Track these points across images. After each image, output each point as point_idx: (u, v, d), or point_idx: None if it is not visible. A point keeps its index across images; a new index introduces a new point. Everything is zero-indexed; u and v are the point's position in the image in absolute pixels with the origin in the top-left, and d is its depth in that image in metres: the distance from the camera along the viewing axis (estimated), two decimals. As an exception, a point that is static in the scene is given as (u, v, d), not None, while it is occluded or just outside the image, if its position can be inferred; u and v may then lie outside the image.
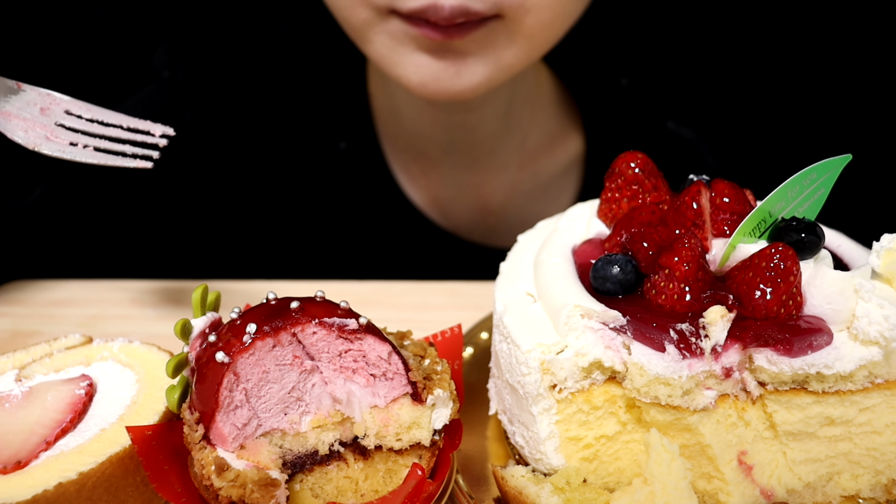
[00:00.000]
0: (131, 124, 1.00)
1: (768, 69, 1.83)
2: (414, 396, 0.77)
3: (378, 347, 0.75)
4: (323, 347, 0.74)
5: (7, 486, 0.71)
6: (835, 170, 0.83)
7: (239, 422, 0.72)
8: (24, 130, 0.94)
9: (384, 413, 0.77)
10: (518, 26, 1.13)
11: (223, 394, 0.70)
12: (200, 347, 0.75)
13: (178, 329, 0.75)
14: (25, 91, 0.95)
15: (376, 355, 0.75)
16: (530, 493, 0.75)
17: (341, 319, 0.74)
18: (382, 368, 0.76)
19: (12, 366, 0.88)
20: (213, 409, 0.70)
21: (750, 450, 0.79)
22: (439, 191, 1.53)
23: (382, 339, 0.76)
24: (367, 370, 0.76)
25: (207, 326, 0.76)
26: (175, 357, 0.75)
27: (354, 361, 0.76)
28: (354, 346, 0.75)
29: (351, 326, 0.74)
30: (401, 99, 1.44)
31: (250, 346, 0.71)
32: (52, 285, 1.33)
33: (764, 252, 0.76)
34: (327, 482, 0.78)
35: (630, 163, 0.91)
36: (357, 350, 0.75)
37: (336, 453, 0.78)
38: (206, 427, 0.71)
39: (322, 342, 0.74)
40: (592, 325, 0.77)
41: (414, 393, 0.77)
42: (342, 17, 1.21)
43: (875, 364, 0.75)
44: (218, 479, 0.67)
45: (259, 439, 0.73)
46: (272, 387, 0.73)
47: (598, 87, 1.57)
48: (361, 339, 0.75)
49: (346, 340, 0.75)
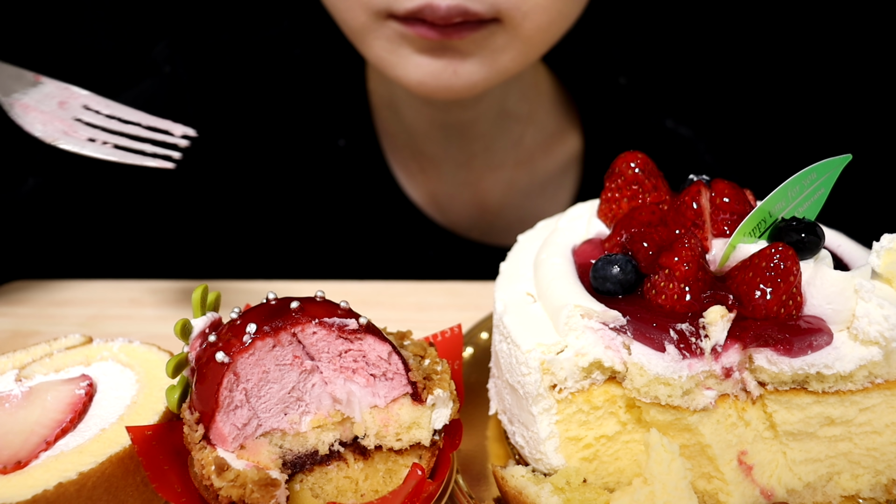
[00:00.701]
0: (151, 122, 0.98)
1: (767, 68, 1.83)
2: (414, 396, 0.77)
3: (378, 347, 0.75)
4: (323, 347, 0.74)
5: (7, 486, 0.71)
6: (835, 170, 0.83)
7: (239, 422, 0.72)
8: (43, 124, 0.91)
9: (384, 413, 0.77)
10: (516, 30, 1.14)
11: (223, 394, 0.70)
12: (200, 347, 0.75)
13: (178, 329, 0.75)
14: (44, 84, 0.93)
15: (376, 355, 0.75)
16: (530, 493, 0.75)
17: (341, 319, 0.74)
18: (382, 368, 0.76)
19: (12, 366, 0.88)
20: (213, 409, 0.70)
21: (750, 450, 0.79)
22: (437, 188, 1.53)
23: (382, 339, 0.76)
24: (367, 370, 0.76)
25: (207, 326, 0.76)
26: (175, 357, 0.75)
27: (354, 361, 0.76)
28: (354, 346, 0.75)
29: (351, 326, 0.74)
30: (399, 97, 1.45)
31: (250, 346, 0.71)
32: (52, 285, 1.33)
33: (764, 252, 0.76)
34: (327, 482, 0.78)
35: (630, 163, 0.91)
36: (357, 350, 0.75)
37: (336, 453, 0.78)
38: (206, 427, 0.71)
39: (322, 342, 0.74)
40: (592, 325, 0.77)
41: (414, 393, 0.77)
42: (341, 20, 1.22)
43: (875, 364, 0.75)
44: (218, 480, 0.67)
45: (259, 439, 0.73)
46: (272, 387, 0.73)
47: (596, 85, 1.57)
48: (361, 339, 0.75)
49: (346, 340, 0.75)
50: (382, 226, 1.54)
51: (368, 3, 1.12)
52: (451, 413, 0.79)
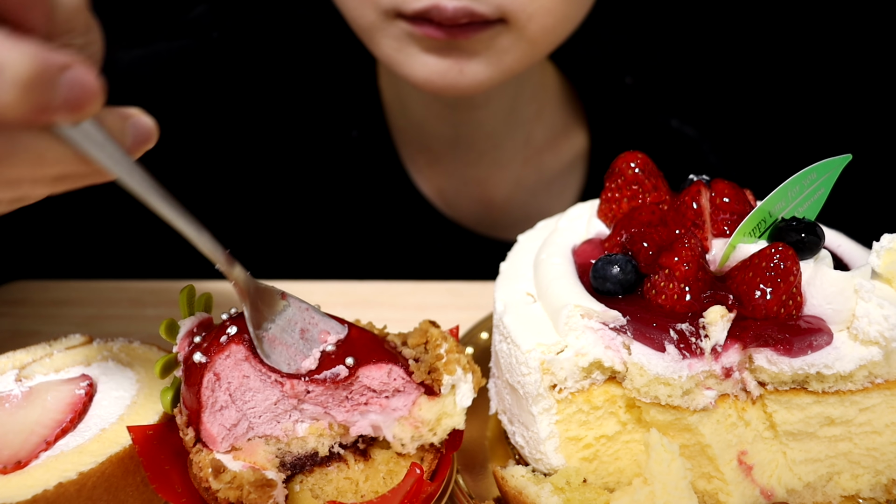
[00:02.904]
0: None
1: (772, 69, 1.83)
2: (428, 392, 0.77)
3: (375, 374, 0.74)
4: (324, 402, 0.74)
5: (7, 486, 0.71)
6: (835, 170, 0.83)
7: (227, 422, 0.71)
8: (287, 363, 0.75)
9: (410, 419, 0.77)
10: (521, 31, 1.15)
11: (205, 393, 0.70)
12: (188, 348, 0.75)
13: (164, 328, 0.75)
14: (289, 307, 0.77)
15: (378, 382, 0.75)
16: (530, 493, 0.75)
17: (331, 371, 0.73)
18: (390, 387, 0.76)
19: (12, 366, 0.88)
20: (198, 409, 0.70)
21: (750, 450, 0.79)
22: (444, 184, 1.54)
23: (376, 359, 0.75)
24: (377, 398, 0.76)
25: (195, 326, 0.76)
26: (163, 357, 0.75)
27: (361, 395, 0.75)
28: (354, 386, 0.75)
29: (342, 375, 0.73)
30: (408, 93, 1.46)
31: (225, 347, 0.71)
32: (52, 285, 1.32)
33: (764, 252, 0.76)
34: (327, 483, 0.78)
35: (630, 163, 0.91)
36: (358, 387, 0.75)
37: (336, 454, 0.78)
38: (195, 429, 0.71)
39: (321, 397, 0.74)
40: (592, 325, 0.77)
41: (427, 390, 0.77)
42: (350, 18, 1.23)
43: (875, 364, 0.75)
44: (215, 482, 0.67)
45: (255, 440, 0.73)
46: (256, 395, 0.72)
47: (603, 85, 1.58)
48: (357, 377, 0.74)
49: (344, 387, 0.74)
50: (392, 216, 1.55)
51: (377, 2, 1.14)
52: (474, 386, 0.78)
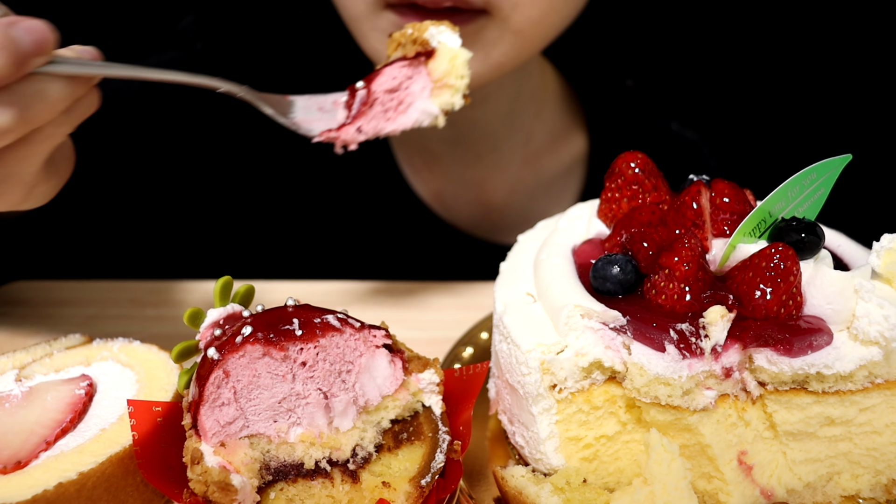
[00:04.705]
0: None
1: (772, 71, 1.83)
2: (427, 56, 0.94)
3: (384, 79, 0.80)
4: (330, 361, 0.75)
5: (7, 486, 0.71)
6: (835, 170, 0.83)
7: (222, 419, 0.71)
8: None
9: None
10: (506, 22, 1.15)
11: (209, 389, 0.70)
12: (209, 338, 0.75)
13: (188, 316, 0.75)
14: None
15: (389, 79, 0.80)
16: (530, 493, 0.75)
17: (357, 100, 0.76)
18: (401, 80, 0.84)
19: (12, 366, 0.88)
20: (199, 400, 0.70)
21: (750, 450, 0.79)
22: (442, 186, 1.54)
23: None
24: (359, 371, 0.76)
25: (223, 318, 0.76)
26: (183, 343, 0.75)
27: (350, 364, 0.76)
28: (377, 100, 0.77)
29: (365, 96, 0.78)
30: None
31: (240, 347, 0.71)
32: (52, 285, 1.32)
33: (764, 252, 0.76)
34: (309, 497, 0.75)
35: (630, 163, 0.91)
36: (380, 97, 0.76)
37: (322, 470, 0.76)
38: (193, 417, 0.71)
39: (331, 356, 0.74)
40: (592, 325, 0.77)
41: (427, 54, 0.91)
42: (341, 6, 1.25)
43: (875, 364, 0.75)
44: (189, 471, 0.68)
45: (241, 440, 0.73)
46: (262, 392, 0.73)
47: (603, 87, 1.58)
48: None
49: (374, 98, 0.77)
50: (388, 220, 1.54)
51: None
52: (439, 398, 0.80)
